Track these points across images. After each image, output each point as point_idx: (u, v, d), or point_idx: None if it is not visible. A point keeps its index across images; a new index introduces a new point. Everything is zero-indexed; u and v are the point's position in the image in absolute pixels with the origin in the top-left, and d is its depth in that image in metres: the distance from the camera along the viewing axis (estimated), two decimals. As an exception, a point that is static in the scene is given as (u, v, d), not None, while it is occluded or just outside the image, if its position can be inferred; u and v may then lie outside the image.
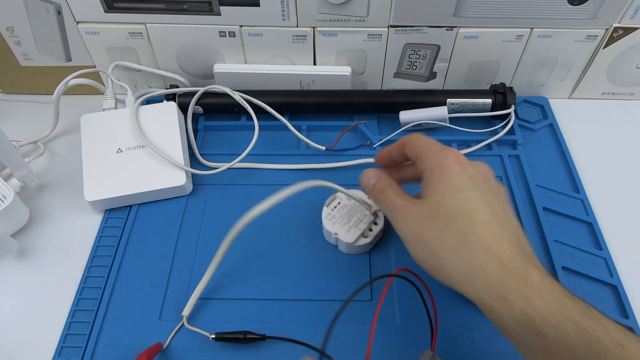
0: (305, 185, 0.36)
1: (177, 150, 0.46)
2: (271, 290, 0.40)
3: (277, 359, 0.36)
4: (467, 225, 0.29)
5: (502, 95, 0.50)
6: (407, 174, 0.37)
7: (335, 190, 0.40)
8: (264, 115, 0.50)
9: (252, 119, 0.48)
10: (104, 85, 0.53)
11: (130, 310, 0.39)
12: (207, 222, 0.44)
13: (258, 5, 0.46)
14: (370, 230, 0.41)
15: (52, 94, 0.48)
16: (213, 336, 0.36)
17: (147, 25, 0.48)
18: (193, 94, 0.50)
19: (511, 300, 0.27)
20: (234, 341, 0.36)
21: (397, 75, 0.53)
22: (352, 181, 0.46)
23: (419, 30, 0.48)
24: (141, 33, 0.49)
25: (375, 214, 0.41)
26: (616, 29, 0.47)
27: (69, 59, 0.52)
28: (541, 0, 0.45)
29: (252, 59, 0.51)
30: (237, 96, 0.49)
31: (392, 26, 0.47)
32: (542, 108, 0.54)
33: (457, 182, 0.30)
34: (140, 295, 0.39)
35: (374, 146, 0.50)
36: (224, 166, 0.46)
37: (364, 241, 0.40)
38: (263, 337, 0.36)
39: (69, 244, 0.43)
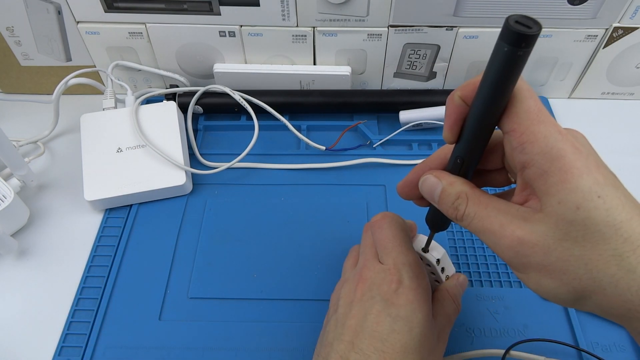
0: None
1: (177, 150, 0.46)
2: (271, 290, 0.40)
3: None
4: (622, 242, 0.21)
5: (502, 95, 0.50)
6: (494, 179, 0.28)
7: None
8: (263, 115, 0.50)
9: (252, 119, 0.48)
10: (103, 85, 0.53)
11: (130, 310, 0.39)
12: (207, 221, 0.44)
13: (258, 5, 0.46)
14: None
15: (52, 94, 0.48)
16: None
17: (147, 25, 0.48)
18: (193, 93, 0.50)
19: None
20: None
21: (397, 75, 0.53)
22: (352, 181, 0.47)
23: (419, 30, 0.48)
24: (141, 33, 0.49)
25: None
26: (616, 29, 0.47)
27: (69, 59, 0.52)
28: (541, 0, 0.45)
29: (252, 58, 0.51)
30: (237, 96, 0.49)
31: (392, 26, 0.47)
32: (542, 108, 0.54)
33: (590, 184, 0.21)
34: (140, 295, 0.40)
35: (374, 146, 0.50)
36: (224, 166, 0.46)
37: None
38: None
39: (69, 244, 0.43)
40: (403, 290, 0.29)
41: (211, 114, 0.52)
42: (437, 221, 0.30)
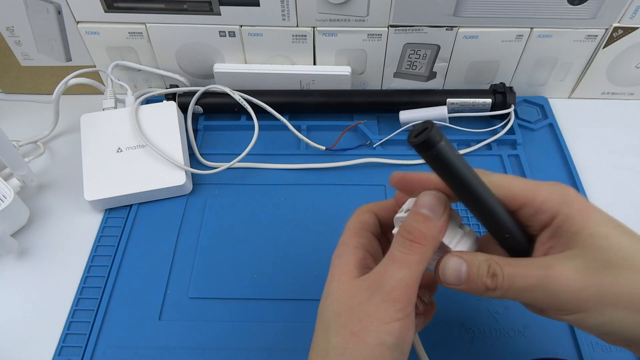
0: None
1: (177, 149, 0.46)
2: (271, 290, 0.40)
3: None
4: None
5: (502, 95, 0.50)
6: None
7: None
8: (263, 115, 0.50)
9: (252, 119, 0.48)
10: (103, 85, 0.53)
11: (130, 310, 0.39)
12: (207, 221, 0.44)
13: (258, 5, 0.46)
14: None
15: (52, 94, 0.48)
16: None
17: (147, 25, 0.48)
18: (193, 93, 0.50)
19: None
20: None
21: (397, 75, 0.53)
22: (352, 181, 0.47)
23: (419, 30, 0.48)
24: (141, 33, 0.49)
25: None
26: (616, 29, 0.47)
27: (69, 59, 0.52)
28: (541, 0, 0.45)
29: (252, 58, 0.51)
30: (237, 96, 0.49)
31: (392, 26, 0.47)
32: (542, 108, 0.54)
33: (604, 216, 0.24)
34: (140, 295, 0.40)
35: (374, 146, 0.50)
36: (224, 166, 0.46)
37: None
38: None
39: (69, 244, 0.43)
40: None
41: (211, 114, 0.52)
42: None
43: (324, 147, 0.49)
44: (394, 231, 0.27)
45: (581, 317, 0.23)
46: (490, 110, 0.50)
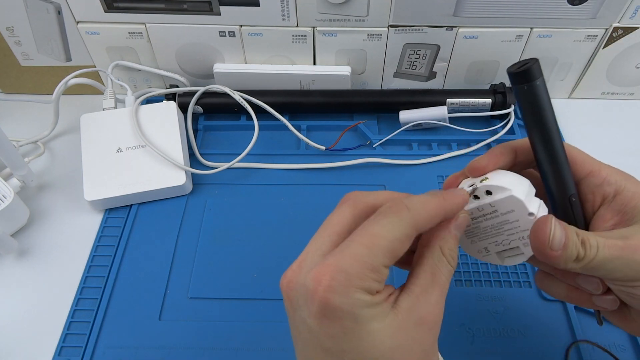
0: None
1: (177, 150, 0.46)
2: (271, 290, 0.40)
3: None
4: None
5: (501, 95, 0.50)
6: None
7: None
8: (263, 115, 0.50)
9: (252, 119, 0.48)
10: (103, 85, 0.53)
11: (130, 310, 0.39)
12: (207, 221, 0.44)
13: (258, 5, 0.46)
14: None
15: (52, 94, 0.48)
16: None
17: (147, 25, 0.48)
18: (193, 93, 0.50)
19: None
20: None
21: (397, 75, 0.53)
22: (352, 181, 0.47)
23: (419, 30, 0.48)
24: (141, 33, 0.49)
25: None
26: (616, 29, 0.47)
27: (69, 59, 0.52)
28: (541, 0, 0.45)
29: (252, 58, 0.51)
30: (237, 96, 0.49)
31: (392, 26, 0.47)
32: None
33: None
34: (140, 295, 0.39)
35: (374, 146, 0.50)
36: (224, 166, 0.46)
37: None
38: None
39: (69, 244, 0.43)
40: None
41: (211, 114, 0.52)
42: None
43: (324, 147, 0.49)
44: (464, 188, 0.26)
45: None
46: (490, 110, 0.50)
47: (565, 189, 0.25)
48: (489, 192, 0.25)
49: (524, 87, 0.22)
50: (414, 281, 0.23)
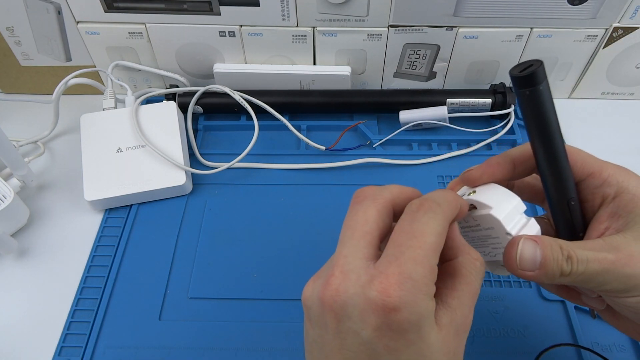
0: None
1: (177, 150, 0.46)
2: (271, 290, 0.40)
3: None
4: None
5: (502, 95, 0.50)
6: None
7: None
8: (263, 115, 0.50)
9: (252, 119, 0.48)
10: (103, 85, 0.53)
11: (130, 310, 0.39)
12: (207, 221, 0.44)
13: (258, 5, 0.46)
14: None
15: (52, 94, 0.48)
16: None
17: (147, 25, 0.48)
18: (193, 93, 0.50)
19: None
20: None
21: (397, 75, 0.53)
22: (352, 181, 0.47)
23: (419, 30, 0.48)
24: (141, 33, 0.49)
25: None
26: (616, 29, 0.47)
27: (69, 59, 0.52)
28: (541, 0, 0.45)
29: (252, 58, 0.51)
30: (237, 96, 0.49)
31: (392, 26, 0.47)
32: (542, 108, 0.54)
33: None
34: (140, 295, 0.39)
35: (374, 146, 0.50)
36: (224, 166, 0.46)
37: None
38: None
39: (69, 244, 0.43)
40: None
41: (211, 114, 0.52)
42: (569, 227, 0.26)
43: (324, 147, 0.49)
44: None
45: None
46: (490, 110, 0.50)
47: (565, 193, 0.25)
48: (473, 206, 0.25)
49: (526, 92, 0.21)
50: (448, 293, 0.23)
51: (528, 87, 0.21)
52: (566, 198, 0.25)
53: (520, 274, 0.24)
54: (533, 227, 0.25)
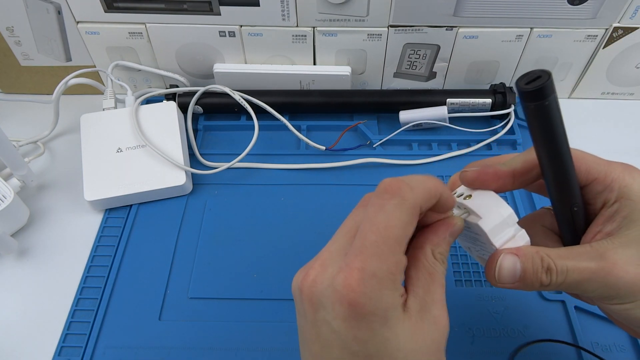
0: None
1: (177, 150, 0.46)
2: (271, 290, 0.40)
3: None
4: None
5: (502, 95, 0.50)
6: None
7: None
8: (263, 115, 0.50)
9: (252, 119, 0.48)
10: (103, 85, 0.53)
11: (130, 310, 0.39)
12: (207, 221, 0.44)
13: (258, 5, 0.46)
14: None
15: (52, 94, 0.48)
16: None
17: (147, 25, 0.48)
18: (193, 93, 0.50)
19: None
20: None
21: (397, 75, 0.53)
22: (352, 181, 0.47)
23: (419, 30, 0.48)
24: (141, 33, 0.49)
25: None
26: (616, 29, 0.47)
27: (69, 59, 0.52)
28: (541, 0, 0.45)
29: (252, 58, 0.51)
30: (237, 96, 0.49)
31: (392, 26, 0.47)
32: (542, 108, 0.54)
33: None
34: (140, 295, 0.39)
35: (374, 146, 0.50)
36: (224, 166, 0.46)
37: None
38: None
39: (69, 244, 0.43)
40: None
41: (211, 114, 0.52)
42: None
43: (324, 147, 0.49)
44: (455, 213, 0.26)
45: (629, 307, 0.23)
46: (490, 110, 0.50)
47: (568, 200, 0.25)
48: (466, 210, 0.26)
49: (543, 104, 0.20)
50: (414, 282, 0.23)
51: (535, 102, 0.20)
52: (569, 205, 0.25)
53: (499, 286, 0.25)
54: (522, 239, 0.25)
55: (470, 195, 0.26)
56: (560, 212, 0.26)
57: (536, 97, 0.20)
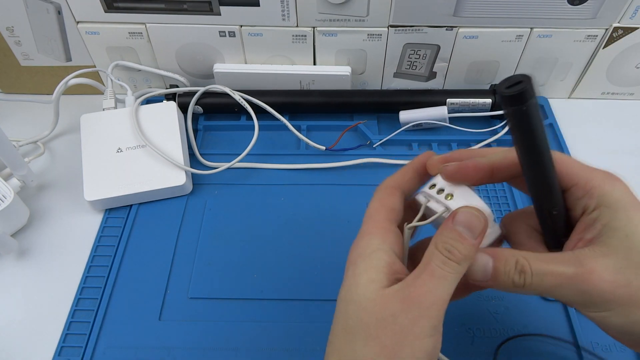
0: None
1: (177, 150, 0.46)
2: (271, 290, 0.40)
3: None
4: None
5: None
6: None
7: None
8: (263, 115, 0.50)
9: (252, 119, 0.48)
10: (103, 85, 0.53)
11: (130, 310, 0.39)
12: (207, 221, 0.44)
13: (258, 5, 0.46)
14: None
15: (52, 94, 0.48)
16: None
17: (147, 25, 0.48)
18: (193, 93, 0.50)
19: None
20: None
21: (397, 75, 0.53)
22: (352, 181, 0.47)
23: (419, 30, 0.48)
24: (141, 33, 0.49)
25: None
26: (616, 29, 0.47)
27: (69, 59, 0.52)
28: (541, 0, 0.45)
29: (252, 58, 0.51)
30: (237, 96, 0.49)
31: (392, 26, 0.47)
32: (542, 108, 0.54)
33: None
34: (140, 295, 0.39)
35: (374, 146, 0.50)
36: (224, 166, 0.46)
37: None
38: None
39: (69, 244, 0.43)
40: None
41: (211, 114, 0.52)
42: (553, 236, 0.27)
43: (324, 147, 0.49)
44: (420, 199, 0.27)
45: (606, 315, 0.23)
46: (490, 110, 0.50)
47: (547, 204, 0.26)
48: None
49: (522, 109, 0.21)
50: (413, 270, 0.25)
51: (514, 106, 0.21)
52: (549, 208, 0.26)
53: (472, 283, 0.25)
54: (492, 235, 0.27)
55: (451, 195, 0.26)
56: (540, 214, 0.26)
57: (515, 101, 0.21)
